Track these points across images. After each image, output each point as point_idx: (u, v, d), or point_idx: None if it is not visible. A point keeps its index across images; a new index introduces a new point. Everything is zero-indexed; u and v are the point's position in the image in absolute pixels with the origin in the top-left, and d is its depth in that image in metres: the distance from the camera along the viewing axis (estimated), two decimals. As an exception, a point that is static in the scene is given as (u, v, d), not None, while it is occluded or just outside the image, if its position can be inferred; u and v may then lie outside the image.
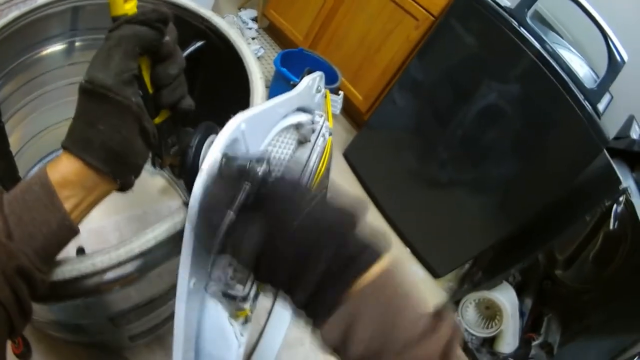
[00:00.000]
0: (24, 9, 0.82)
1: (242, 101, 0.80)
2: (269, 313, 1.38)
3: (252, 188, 0.42)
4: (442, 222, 1.72)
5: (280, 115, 0.63)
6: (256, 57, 0.90)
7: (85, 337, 0.82)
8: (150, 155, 0.53)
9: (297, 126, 0.73)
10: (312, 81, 0.79)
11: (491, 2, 1.41)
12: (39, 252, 0.44)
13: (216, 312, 0.57)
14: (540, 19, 1.63)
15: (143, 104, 0.46)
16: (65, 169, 0.45)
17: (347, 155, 2.10)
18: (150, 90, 0.49)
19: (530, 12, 1.35)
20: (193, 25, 0.98)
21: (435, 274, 1.78)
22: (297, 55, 2.05)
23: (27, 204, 0.43)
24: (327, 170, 1.11)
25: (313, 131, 0.73)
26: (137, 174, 0.51)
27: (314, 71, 0.84)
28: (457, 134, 1.58)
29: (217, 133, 0.48)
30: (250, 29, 2.53)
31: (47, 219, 0.44)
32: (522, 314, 1.51)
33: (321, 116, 0.75)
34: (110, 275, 0.54)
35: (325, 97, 0.88)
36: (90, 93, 0.43)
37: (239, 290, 0.54)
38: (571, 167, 1.31)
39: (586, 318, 1.37)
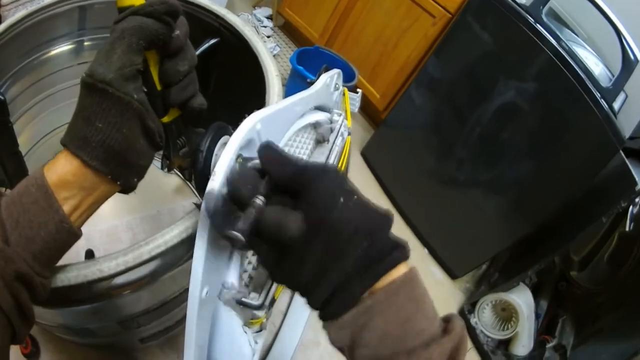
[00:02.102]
0: (31, 8, 0.81)
1: (258, 99, 0.77)
2: (284, 315, 1.36)
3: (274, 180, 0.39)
4: (459, 222, 1.70)
5: (297, 114, 0.60)
6: (272, 55, 0.87)
7: (94, 339, 0.80)
8: (158, 156, 0.50)
9: (315, 125, 0.70)
10: (330, 79, 0.75)
11: (507, -2, 1.40)
12: (38, 256, 0.42)
13: (229, 320, 0.54)
14: (555, 16, 1.60)
15: (147, 101, 0.43)
16: (62, 168, 0.42)
17: (365, 154, 2.08)
18: (159, 87, 0.46)
19: (545, 9, 1.33)
20: (206, 23, 0.96)
21: (452, 274, 1.76)
22: (313, 53, 2.03)
23: (24, 207, 0.41)
24: (346, 169, 1.08)
25: (332, 130, 0.70)
26: (139, 175, 0.48)
27: (331, 68, 0.81)
28: (475, 133, 1.56)
29: (230, 134, 0.44)
30: (265, 27, 2.51)
31: (45, 221, 0.41)
32: (537, 315, 1.50)
33: (340, 115, 0.72)
34: (118, 281, 0.52)
35: (344, 95, 0.84)
36: (90, 88, 0.40)
37: (254, 298, 0.51)
38: (588, 167, 1.29)
39: (599, 320, 1.36)
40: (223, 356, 0.55)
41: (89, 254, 1.13)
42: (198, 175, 0.49)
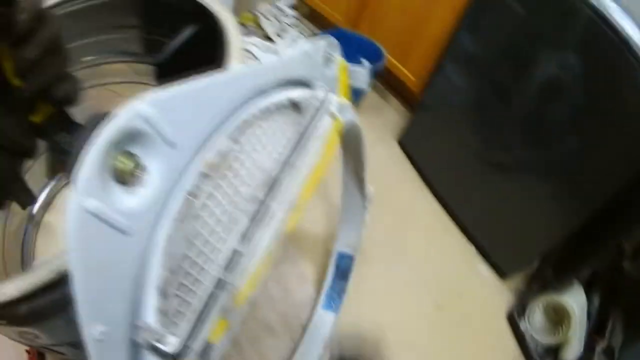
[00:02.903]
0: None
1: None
2: (304, 328, 1.21)
3: None
4: (508, 214, 1.55)
5: (248, 91, 0.43)
6: (237, 27, 0.71)
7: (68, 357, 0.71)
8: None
9: (295, 106, 0.53)
10: (314, 48, 0.58)
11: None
12: None
13: None
14: None
15: None
16: None
17: (402, 142, 1.93)
18: (15, 83, 0.37)
19: None
20: (179, 8, 0.84)
21: (501, 273, 1.61)
22: (338, 37, 1.86)
23: None
24: (357, 161, 0.90)
25: (312, 110, 0.53)
26: (8, 196, 0.42)
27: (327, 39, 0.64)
28: (521, 111, 1.40)
29: None
30: (287, 16, 2.38)
31: None
32: (589, 315, 1.38)
33: (326, 90, 0.55)
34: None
35: (340, 68, 0.67)
36: None
37: (169, 343, 0.36)
38: None
39: None
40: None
41: None
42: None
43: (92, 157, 0.28)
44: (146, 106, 0.31)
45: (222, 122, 0.40)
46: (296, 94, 0.52)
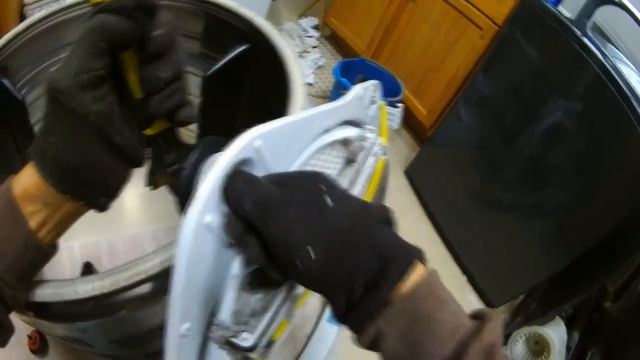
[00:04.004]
0: (51, 8, 0.77)
1: (283, 111, 0.69)
2: (308, 338, 1.26)
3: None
4: (501, 249, 1.64)
5: (320, 129, 0.50)
6: (298, 59, 0.78)
7: (95, 350, 0.74)
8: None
9: (345, 142, 0.60)
10: (364, 90, 0.65)
11: (553, 10, 1.37)
12: (11, 271, 0.38)
13: (219, 358, 0.45)
14: (598, 30, 1.52)
15: (110, 114, 0.37)
16: (26, 180, 0.38)
17: (409, 173, 2.02)
18: (137, 95, 0.39)
19: (590, 23, 1.29)
20: (235, 27, 0.89)
21: (489, 304, 1.70)
22: (358, 65, 1.96)
23: None
24: (381, 193, 0.97)
25: (362, 149, 0.59)
26: (109, 195, 0.42)
27: (368, 79, 0.71)
28: (523, 154, 1.51)
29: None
30: (310, 37, 2.46)
31: (12, 236, 0.38)
32: (568, 348, 1.47)
33: (372, 131, 0.62)
34: (96, 304, 0.47)
35: (381, 109, 0.74)
36: (48, 96, 0.35)
37: (245, 339, 0.42)
38: (634, 194, 1.22)
39: (627, 351, 1.32)
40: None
41: (87, 268, 1.10)
42: (181, 197, 0.41)
43: (214, 179, 0.34)
44: (257, 138, 0.37)
45: (299, 154, 0.47)
46: (350, 132, 0.59)
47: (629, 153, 1.21)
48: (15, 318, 0.44)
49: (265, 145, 0.38)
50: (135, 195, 1.52)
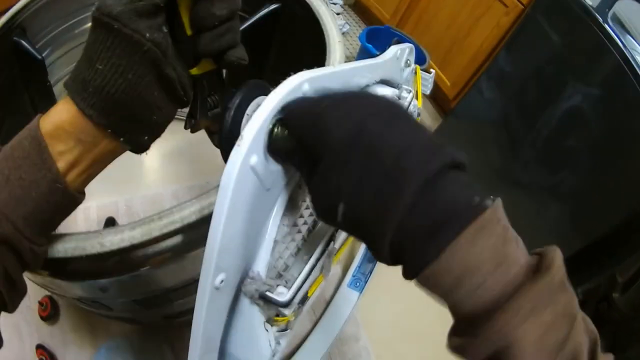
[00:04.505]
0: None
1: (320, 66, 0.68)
2: (327, 304, 1.27)
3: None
4: (515, 228, 1.58)
5: (359, 84, 0.49)
6: (337, 24, 0.76)
7: (112, 313, 0.73)
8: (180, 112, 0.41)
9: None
10: (401, 52, 0.64)
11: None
12: (30, 220, 0.35)
13: (250, 314, 0.45)
14: (618, 21, 1.47)
15: (166, 44, 0.34)
16: (59, 116, 0.35)
17: None
18: (189, 32, 0.37)
19: (610, 13, 1.27)
20: None
21: None
22: (384, 33, 1.91)
23: (15, 162, 0.34)
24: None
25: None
26: (152, 133, 0.40)
27: (403, 42, 0.69)
28: (542, 135, 1.48)
29: (267, 94, 0.35)
30: (335, 4, 2.41)
31: (36, 180, 0.34)
32: None
33: (409, 92, 0.61)
34: (121, 258, 0.44)
35: (415, 73, 0.73)
36: (95, 22, 0.32)
37: (281, 293, 0.41)
38: None
39: (630, 348, 1.30)
40: (238, 349, 0.47)
41: (110, 222, 1.08)
42: (224, 138, 0.38)
43: (262, 119, 0.32)
44: (305, 82, 0.35)
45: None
46: (387, 91, 0.58)
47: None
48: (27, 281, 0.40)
49: (310, 91, 0.37)
50: (156, 154, 1.51)
